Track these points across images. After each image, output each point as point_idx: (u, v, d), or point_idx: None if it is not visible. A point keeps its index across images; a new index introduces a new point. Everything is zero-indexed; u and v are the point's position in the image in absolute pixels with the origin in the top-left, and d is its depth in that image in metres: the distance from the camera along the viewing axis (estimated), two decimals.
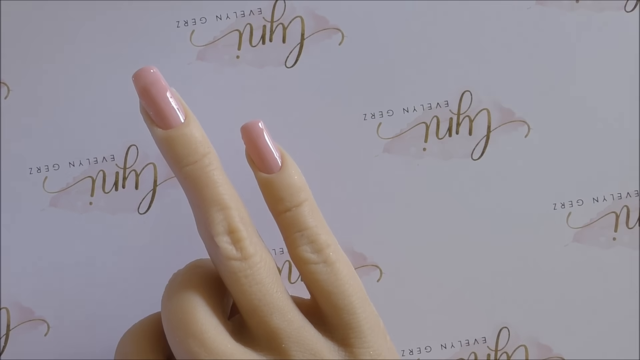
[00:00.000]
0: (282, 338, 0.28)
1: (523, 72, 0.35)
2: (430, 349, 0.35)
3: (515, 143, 0.35)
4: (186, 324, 0.28)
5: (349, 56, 0.35)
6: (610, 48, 0.35)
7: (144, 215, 0.35)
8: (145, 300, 0.34)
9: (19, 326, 0.35)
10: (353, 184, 0.35)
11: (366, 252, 0.35)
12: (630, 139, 0.35)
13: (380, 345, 0.29)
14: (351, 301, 0.29)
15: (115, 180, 0.35)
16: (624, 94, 0.35)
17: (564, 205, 0.35)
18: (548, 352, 0.35)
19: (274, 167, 0.30)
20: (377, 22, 0.35)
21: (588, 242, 0.35)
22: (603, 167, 0.35)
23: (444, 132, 0.35)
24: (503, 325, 0.35)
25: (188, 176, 0.28)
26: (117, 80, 0.35)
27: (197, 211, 0.29)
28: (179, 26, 0.35)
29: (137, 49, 0.35)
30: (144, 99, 0.29)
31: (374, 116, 0.35)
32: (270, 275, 0.29)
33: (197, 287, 0.29)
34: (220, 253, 0.28)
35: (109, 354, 0.34)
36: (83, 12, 0.35)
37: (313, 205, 0.30)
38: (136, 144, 0.35)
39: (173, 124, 0.29)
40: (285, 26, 0.35)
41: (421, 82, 0.35)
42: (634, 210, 0.35)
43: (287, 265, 0.35)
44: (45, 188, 0.35)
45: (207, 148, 0.29)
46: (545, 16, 0.35)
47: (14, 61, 0.35)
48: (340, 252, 0.30)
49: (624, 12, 0.35)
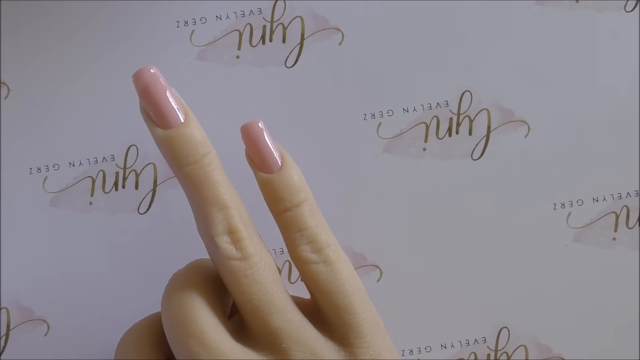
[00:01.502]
0: (282, 338, 0.28)
1: (523, 72, 0.35)
2: (430, 349, 0.35)
3: (515, 143, 0.35)
4: (186, 324, 0.28)
5: (349, 56, 0.35)
6: (610, 48, 0.35)
7: (144, 215, 0.35)
8: (145, 300, 0.34)
9: (19, 326, 0.35)
10: (353, 184, 0.35)
11: (366, 252, 0.35)
12: (630, 139, 0.35)
13: (380, 345, 0.29)
14: (351, 301, 0.29)
15: (115, 180, 0.35)
16: (624, 94, 0.35)
17: (564, 205, 0.35)
18: (548, 352, 0.35)
19: (274, 167, 0.30)
20: (377, 22, 0.35)
21: (588, 242, 0.35)
22: (603, 167, 0.35)
23: (444, 132, 0.35)
24: (503, 325, 0.35)
25: (188, 176, 0.28)
26: (117, 80, 0.35)
27: (197, 211, 0.29)
28: (179, 26, 0.35)
29: (137, 49, 0.35)
30: (144, 99, 0.29)
31: (374, 116, 0.35)
32: (270, 275, 0.29)
33: (197, 287, 0.29)
34: (220, 253, 0.28)
35: (109, 354, 0.34)
36: (83, 12, 0.35)
37: (313, 205, 0.30)
38: (136, 144, 0.35)
39: (173, 124, 0.29)
40: (285, 26, 0.35)
41: (421, 82, 0.35)
42: (634, 210, 0.35)
43: (287, 265, 0.35)
44: (45, 188, 0.35)
45: (207, 148, 0.29)
46: (545, 16, 0.35)
47: (14, 61, 0.35)
48: (340, 252, 0.30)
49: (624, 12, 0.35)
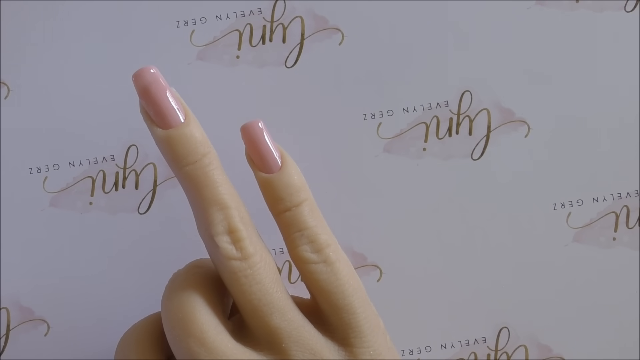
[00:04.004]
0: (282, 337, 0.28)
1: (523, 72, 0.35)
2: (430, 349, 0.35)
3: (515, 143, 0.35)
4: (186, 324, 0.28)
5: (349, 56, 0.35)
6: (610, 48, 0.35)
7: (144, 215, 0.35)
8: (145, 300, 0.34)
9: (19, 326, 0.35)
10: (353, 184, 0.35)
11: (366, 252, 0.35)
12: (630, 139, 0.35)
13: (380, 345, 0.29)
14: (351, 301, 0.29)
15: (115, 180, 0.35)
16: (624, 94, 0.35)
17: (564, 205, 0.35)
18: (548, 352, 0.35)
19: (274, 167, 0.30)
20: (377, 22, 0.35)
21: (588, 242, 0.35)
22: (603, 167, 0.35)
23: (444, 132, 0.35)
24: (503, 325, 0.35)
25: (188, 176, 0.28)
26: (117, 80, 0.35)
27: (197, 211, 0.29)
28: (179, 26, 0.35)
29: (137, 48, 0.35)
30: (144, 99, 0.29)
31: (374, 116, 0.35)
32: (270, 275, 0.29)
33: (197, 287, 0.29)
34: (220, 253, 0.28)
35: (109, 354, 0.34)
36: (83, 12, 0.35)
37: (313, 205, 0.30)
38: (136, 144, 0.35)
39: (173, 123, 0.29)
40: (285, 26, 0.35)
41: (421, 82, 0.35)
42: (634, 210, 0.35)
43: (287, 265, 0.35)
44: (45, 188, 0.35)
45: (207, 148, 0.29)
46: (545, 16, 0.35)
47: (14, 61, 0.35)
48: (340, 252, 0.30)
49: (624, 12, 0.35)
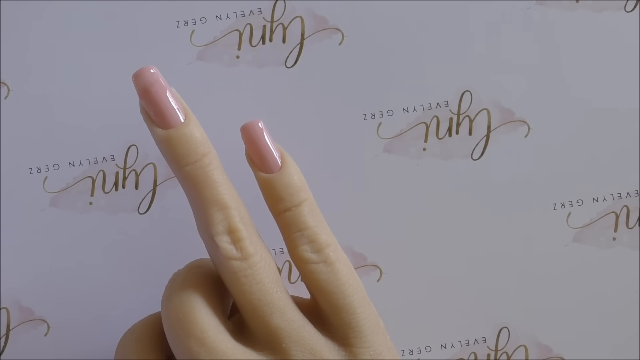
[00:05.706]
0: (282, 337, 0.28)
1: (523, 72, 0.35)
2: (430, 349, 0.35)
3: (515, 143, 0.35)
4: (186, 324, 0.28)
5: (349, 56, 0.35)
6: (610, 48, 0.35)
7: (144, 215, 0.35)
8: (145, 300, 0.34)
9: (19, 326, 0.35)
10: (353, 184, 0.35)
11: (366, 252, 0.35)
12: (630, 139, 0.35)
13: (380, 345, 0.29)
14: (351, 301, 0.29)
15: (115, 180, 0.35)
16: (624, 94, 0.35)
17: (564, 205, 0.35)
18: (548, 352, 0.35)
19: (274, 167, 0.30)
20: (377, 22, 0.35)
21: (588, 242, 0.35)
22: (603, 167, 0.35)
23: (444, 132, 0.35)
24: (503, 325, 0.35)
25: (188, 176, 0.28)
26: (117, 80, 0.35)
27: (197, 211, 0.29)
28: (179, 26, 0.35)
29: (137, 48, 0.35)
30: (144, 99, 0.29)
31: (374, 116, 0.35)
32: (270, 275, 0.29)
33: (197, 287, 0.29)
34: (220, 253, 0.28)
35: (109, 354, 0.34)
36: (83, 12, 0.35)
37: (313, 205, 0.30)
38: (136, 144, 0.35)
39: (173, 123, 0.29)
40: (285, 26, 0.35)
41: (421, 82, 0.35)
42: (634, 210, 0.35)
43: (287, 265, 0.35)
44: (45, 188, 0.35)
45: (207, 148, 0.29)
46: (545, 16, 0.35)
47: (14, 61, 0.35)
48: (340, 252, 0.30)
49: (624, 12, 0.35)
